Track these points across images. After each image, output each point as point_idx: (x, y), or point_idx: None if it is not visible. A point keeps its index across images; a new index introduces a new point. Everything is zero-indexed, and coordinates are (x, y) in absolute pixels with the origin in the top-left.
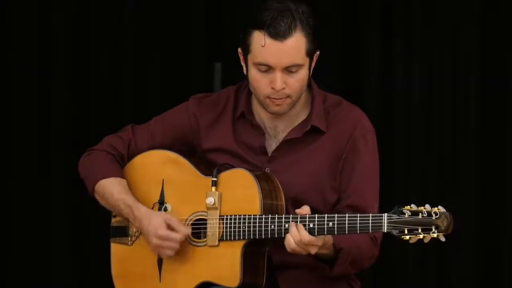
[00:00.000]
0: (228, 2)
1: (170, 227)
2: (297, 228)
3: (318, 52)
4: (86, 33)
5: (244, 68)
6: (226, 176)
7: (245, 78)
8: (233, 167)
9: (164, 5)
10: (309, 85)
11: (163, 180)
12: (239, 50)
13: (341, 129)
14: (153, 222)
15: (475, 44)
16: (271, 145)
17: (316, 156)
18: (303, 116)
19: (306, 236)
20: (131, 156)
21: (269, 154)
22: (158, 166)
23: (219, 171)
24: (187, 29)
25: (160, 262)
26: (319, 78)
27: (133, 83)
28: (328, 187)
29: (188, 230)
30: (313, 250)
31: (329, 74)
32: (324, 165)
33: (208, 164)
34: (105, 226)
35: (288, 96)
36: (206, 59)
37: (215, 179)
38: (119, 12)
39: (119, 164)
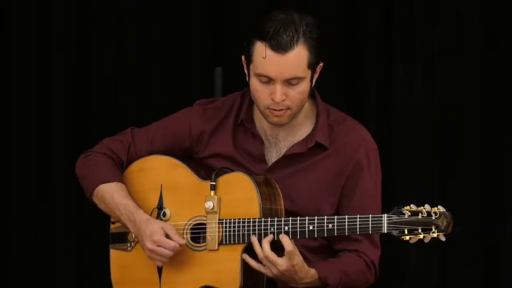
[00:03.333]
0: (229, 6)
1: (166, 235)
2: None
3: (321, 64)
4: (86, 36)
5: (247, 76)
6: (225, 180)
7: (247, 83)
8: (232, 170)
9: (165, 8)
10: (312, 96)
11: (161, 185)
12: (243, 57)
13: (344, 147)
14: (150, 227)
15: (475, 43)
16: (271, 153)
17: (316, 171)
18: (305, 128)
19: (267, 251)
20: (129, 161)
21: (268, 163)
22: (157, 171)
23: (218, 175)
24: (188, 33)
25: (160, 267)
26: (320, 81)
27: (134, 87)
28: (324, 202)
29: (183, 241)
30: (274, 270)
31: (329, 76)
32: (323, 180)
33: (207, 168)
34: (104, 233)
35: (288, 108)
36: (207, 63)
37: (213, 183)
38: (120, 15)
39: (119, 169)
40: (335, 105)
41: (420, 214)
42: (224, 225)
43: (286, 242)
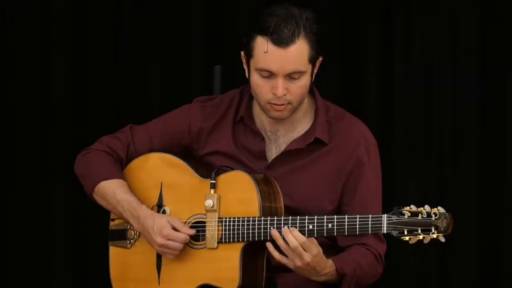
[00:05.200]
0: (228, 4)
1: (174, 228)
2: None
3: (321, 59)
4: (86, 35)
5: (246, 71)
6: (225, 179)
7: (245, 81)
8: (232, 169)
9: (164, 7)
10: (311, 92)
11: (161, 183)
12: (242, 53)
13: (344, 143)
14: (158, 222)
15: (475, 43)
16: (271, 150)
17: (316, 167)
18: (304, 123)
19: (295, 242)
20: (129, 159)
21: (268, 159)
22: (157, 169)
23: (218, 173)
24: (187, 32)
25: (159, 264)
26: (319, 79)
27: (132, 85)
28: (324, 198)
29: (192, 231)
30: (298, 262)
31: (328, 74)
32: (323, 176)
33: (207, 166)
34: (104, 229)
35: (289, 103)
36: (206, 61)
37: (213, 181)
38: (119, 14)
39: (119, 166)
40: (334, 103)
41: (420, 214)
42: (223, 224)
43: (297, 234)
